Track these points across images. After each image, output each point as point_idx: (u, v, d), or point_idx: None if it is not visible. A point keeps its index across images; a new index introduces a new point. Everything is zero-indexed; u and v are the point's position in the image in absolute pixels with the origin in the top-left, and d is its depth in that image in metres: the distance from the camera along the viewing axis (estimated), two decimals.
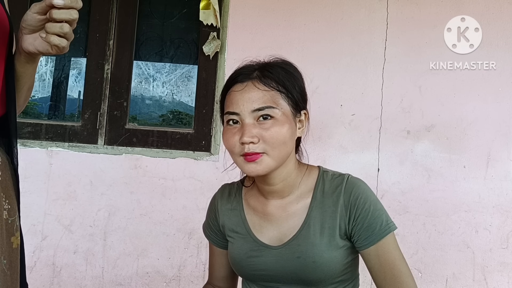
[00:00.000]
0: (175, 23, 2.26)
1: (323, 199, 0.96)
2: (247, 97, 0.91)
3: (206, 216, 1.12)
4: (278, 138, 0.90)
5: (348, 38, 2.09)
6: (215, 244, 1.09)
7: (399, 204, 2.00)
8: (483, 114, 2.02)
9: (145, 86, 2.29)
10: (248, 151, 0.90)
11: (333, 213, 0.94)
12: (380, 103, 2.06)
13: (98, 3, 2.12)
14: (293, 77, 0.95)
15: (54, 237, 2.01)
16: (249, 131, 0.89)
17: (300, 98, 0.95)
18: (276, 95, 0.92)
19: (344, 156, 2.04)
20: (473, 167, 2.01)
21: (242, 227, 1.01)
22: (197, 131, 2.10)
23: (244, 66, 0.97)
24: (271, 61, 0.98)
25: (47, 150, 2.04)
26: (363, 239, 0.92)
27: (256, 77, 0.93)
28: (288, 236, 0.96)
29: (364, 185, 0.96)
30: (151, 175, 2.05)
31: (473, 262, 1.98)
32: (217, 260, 1.10)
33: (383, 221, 0.92)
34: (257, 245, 0.98)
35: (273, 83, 0.92)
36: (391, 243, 0.92)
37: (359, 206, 0.93)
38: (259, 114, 0.90)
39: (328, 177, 0.99)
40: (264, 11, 2.11)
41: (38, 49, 0.77)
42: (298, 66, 1.00)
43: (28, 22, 0.76)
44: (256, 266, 0.98)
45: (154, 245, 2.03)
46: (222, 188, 1.11)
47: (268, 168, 0.91)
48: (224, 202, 1.07)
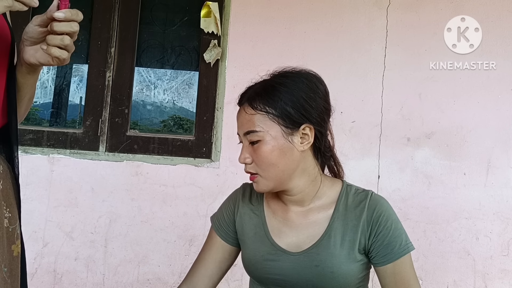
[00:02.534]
0: (176, 30, 2.28)
1: (346, 212, 0.97)
2: (239, 122, 0.96)
3: (221, 208, 1.11)
4: (264, 161, 0.92)
5: (348, 46, 2.11)
6: (222, 236, 1.07)
7: (400, 211, 2.01)
8: (483, 121, 2.03)
9: (146, 93, 2.30)
10: (245, 170, 0.95)
11: (354, 227, 0.95)
12: (380, 110, 2.07)
13: (100, 11, 2.14)
14: (286, 93, 0.93)
15: (55, 244, 2.02)
16: (242, 153, 0.95)
17: (295, 113, 0.93)
18: (261, 117, 0.92)
19: (345, 163, 2.01)
20: (473, 174, 2.01)
21: (261, 229, 1.02)
22: (198, 138, 2.11)
23: (246, 87, 0.99)
24: (268, 79, 0.98)
25: (48, 157, 2.05)
26: (382, 256, 0.94)
27: (246, 101, 0.95)
28: (307, 243, 0.96)
29: (387, 203, 0.99)
30: (152, 182, 2.06)
31: (473, 269, 1.97)
32: (212, 254, 1.07)
33: (402, 241, 0.94)
34: (274, 249, 0.98)
35: (260, 105, 0.93)
36: (407, 262, 0.94)
37: (381, 223, 0.94)
38: (248, 138, 0.94)
39: (352, 191, 1.00)
40: (265, 19, 2.13)
41: (39, 61, 0.78)
42: (307, 74, 0.99)
43: (29, 34, 0.77)
44: (271, 270, 0.98)
45: (155, 252, 2.03)
46: (243, 187, 1.10)
47: (266, 188, 0.95)
48: (246, 201, 1.07)
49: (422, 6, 2.10)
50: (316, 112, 0.95)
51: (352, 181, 1.06)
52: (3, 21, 0.81)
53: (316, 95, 0.96)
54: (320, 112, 0.96)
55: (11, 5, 0.65)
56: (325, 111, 0.98)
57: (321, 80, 1.01)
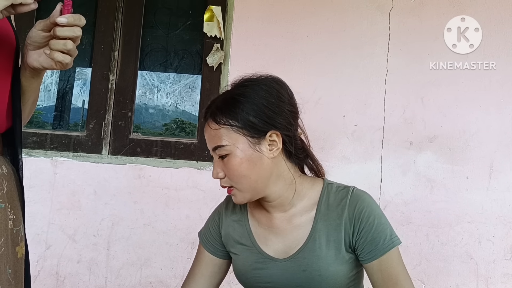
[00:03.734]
0: (179, 34, 2.29)
1: (328, 211, 0.96)
2: (206, 137, 0.96)
3: (207, 223, 1.12)
4: (235, 174, 0.92)
5: (351, 50, 2.11)
6: (210, 251, 1.07)
7: (402, 215, 2.00)
8: (485, 125, 2.03)
9: (150, 96, 2.31)
10: (220, 185, 0.95)
11: (337, 226, 0.94)
12: (383, 114, 2.07)
13: (103, 14, 2.16)
14: (247, 103, 0.92)
15: (58, 247, 2.02)
16: (214, 169, 0.95)
17: (258, 122, 0.91)
18: (226, 131, 0.92)
19: (347, 167, 2.04)
20: (476, 178, 2.01)
21: (247, 239, 1.01)
22: (200, 141, 2.11)
23: (210, 101, 0.98)
24: (228, 90, 0.98)
25: (51, 160, 2.06)
26: (367, 253, 0.92)
27: (210, 116, 0.95)
28: (293, 248, 0.96)
29: (369, 198, 0.97)
30: (155, 185, 2.06)
31: (476, 274, 1.97)
32: (202, 270, 1.07)
33: (387, 236, 0.92)
34: (262, 257, 0.98)
35: (223, 119, 0.92)
36: (394, 258, 0.92)
37: (363, 220, 0.93)
38: (216, 153, 0.94)
39: (333, 189, 0.99)
40: (267, 23, 2.14)
41: (43, 65, 0.79)
42: (266, 80, 0.96)
43: (33, 38, 0.78)
44: (261, 278, 0.98)
45: (157, 255, 2.03)
46: (227, 200, 1.10)
47: (243, 199, 0.96)
48: (229, 213, 1.07)
49: (424, 10, 2.11)
50: (281, 117, 0.94)
51: (354, 185, 1.06)
52: (8, 25, 0.82)
53: (278, 100, 0.94)
54: (284, 117, 0.94)
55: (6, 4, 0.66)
56: (291, 114, 0.96)
57: (282, 83, 0.98)
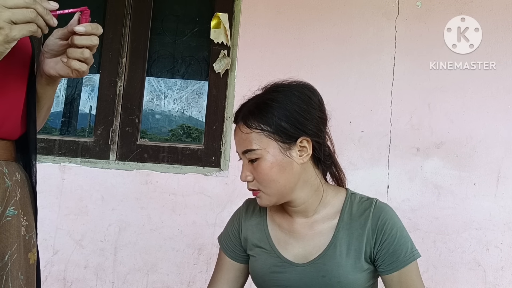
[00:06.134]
0: (186, 41, 2.31)
1: (351, 221, 0.97)
2: (236, 141, 0.97)
3: (226, 228, 1.13)
4: (264, 178, 0.93)
5: (357, 56, 2.12)
6: (230, 256, 1.09)
7: (409, 221, 2.00)
8: (492, 131, 2.02)
9: (157, 102, 2.32)
10: (248, 187, 0.96)
11: (359, 235, 0.95)
12: (389, 120, 2.07)
13: (111, 21, 2.18)
14: (279, 109, 0.93)
15: (65, 252, 2.03)
16: (243, 172, 0.96)
17: (290, 127, 0.93)
18: (257, 135, 0.93)
19: (354, 173, 2.04)
20: (483, 184, 2.00)
21: (266, 243, 1.02)
22: (207, 147, 2.12)
23: (240, 105, 1.00)
24: (260, 94, 0.99)
25: (59, 166, 2.08)
26: (387, 264, 0.93)
27: (241, 120, 0.96)
28: (313, 254, 0.97)
29: (391, 211, 0.98)
30: (162, 191, 2.07)
31: (484, 281, 1.96)
32: (224, 275, 1.09)
33: (408, 248, 0.94)
34: (281, 261, 0.99)
35: (255, 123, 0.93)
36: (414, 271, 0.94)
37: (386, 231, 0.94)
38: (246, 156, 0.95)
39: (356, 200, 1.00)
40: (274, 29, 2.15)
41: (59, 73, 0.80)
42: (298, 86, 0.98)
43: (50, 47, 0.79)
44: (279, 282, 0.99)
45: (164, 261, 2.04)
46: (246, 203, 1.12)
47: (269, 203, 0.96)
48: (248, 217, 1.08)
49: (431, 16, 2.11)
50: (312, 124, 0.95)
51: (361, 191, 1.06)
52: None
53: (310, 107, 0.96)
54: (315, 123, 0.96)
55: (35, 30, 0.68)
56: (321, 120, 0.98)
57: (313, 90, 1.00)
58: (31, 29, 0.67)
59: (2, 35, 0.64)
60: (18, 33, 0.65)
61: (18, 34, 0.66)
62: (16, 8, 0.64)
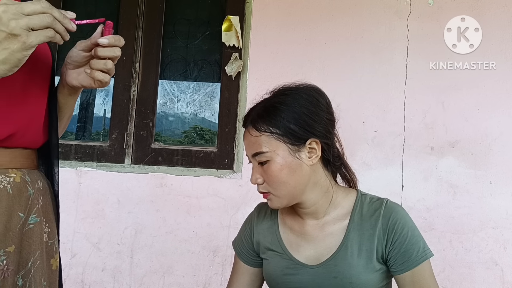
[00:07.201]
0: (198, 44, 2.32)
1: (361, 221, 0.97)
2: (246, 144, 0.98)
3: (239, 233, 1.14)
4: (274, 180, 0.94)
5: (369, 55, 2.11)
6: (244, 260, 1.10)
7: (425, 221, 1.99)
8: (508, 129, 2.00)
9: (170, 106, 2.34)
10: (258, 190, 0.97)
11: (371, 236, 0.96)
12: (403, 119, 2.06)
13: (124, 27, 2.20)
14: (288, 111, 0.94)
15: (83, 255, 2.06)
16: (253, 174, 0.97)
17: (299, 130, 0.93)
18: (266, 138, 0.94)
19: (368, 173, 2.03)
20: (500, 183, 1.98)
21: (278, 246, 1.03)
22: (220, 150, 2.13)
23: (249, 109, 1.01)
24: (268, 98, 1.00)
25: (76, 170, 2.11)
26: (399, 264, 0.93)
27: (250, 123, 0.97)
28: (325, 255, 0.98)
29: (402, 210, 0.98)
30: (176, 193, 2.09)
31: (502, 280, 1.94)
32: (239, 279, 1.10)
33: (420, 248, 0.94)
34: (293, 264, 1.00)
35: (264, 126, 0.94)
36: (427, 270, 0.94)
37: (397, 231, 0.94)
38: (256, 159, 0.95)
39: (367, 200, 1.00)
40: (285, 30, 2.15)
41: (82, 84, 0.82)
42: (306, 88, 0.98)
43: (73, 58, 0.81)
44: (292, 284, 1.00)
45: (179, 263, 2.05)
46: (258, 208, 1.13)
47: (280, 205, 0.97)
48: (260, 221, 1.09)
49: (443, 14, 2.09)
50: (320, 125, 0.96)
51: (375, 191, 1.06)
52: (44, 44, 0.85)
53: (318, 108, 0.96)
54: (324, 125, 0.96)
55: (53, 35, 0.67)
56: (329, 122, 0.98)
57: (321, 92, 1.00)
58: (48, 34, 0.66)
59: (19, 42, 0.64)
60: (35, 39, 0.65)
61: (35, 41, 0.65)
62: (33, 14, 0.64)
